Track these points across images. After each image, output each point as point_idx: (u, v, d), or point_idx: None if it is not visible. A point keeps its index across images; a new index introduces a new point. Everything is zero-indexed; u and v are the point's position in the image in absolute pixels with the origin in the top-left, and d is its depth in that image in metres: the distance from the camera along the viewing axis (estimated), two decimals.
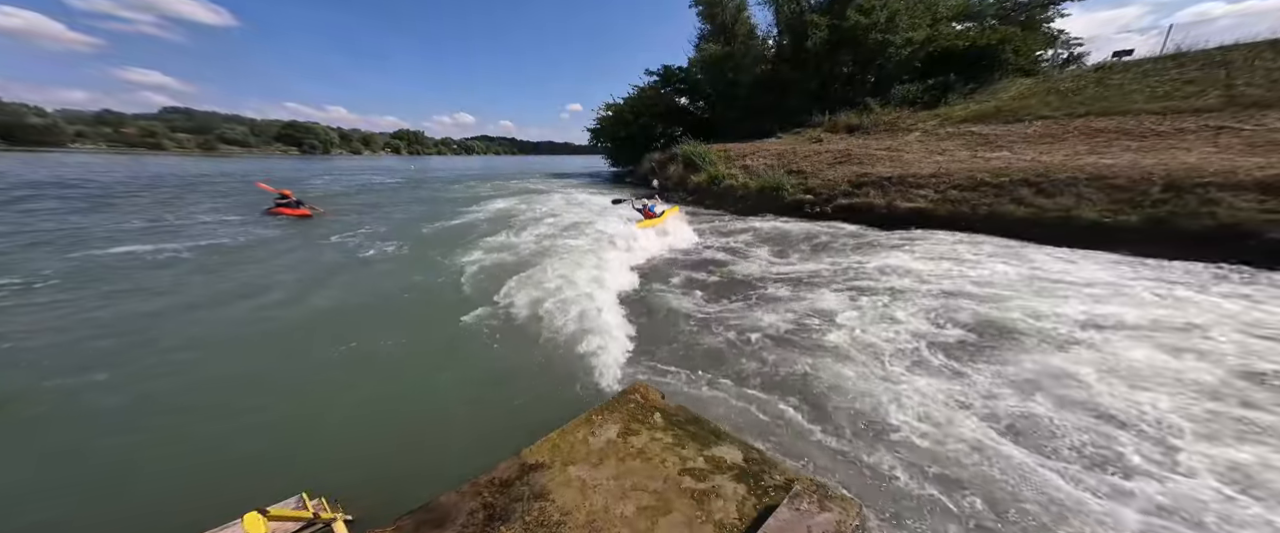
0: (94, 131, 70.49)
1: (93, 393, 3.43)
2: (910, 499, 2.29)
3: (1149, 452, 2.52)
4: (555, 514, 1.89)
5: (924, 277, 5.46)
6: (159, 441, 2.96)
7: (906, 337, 3.95)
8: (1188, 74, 11.68)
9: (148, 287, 5.95)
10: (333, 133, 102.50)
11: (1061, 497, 2.25)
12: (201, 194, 16.44)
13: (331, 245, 8.70)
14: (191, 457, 2.80)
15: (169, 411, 3.26)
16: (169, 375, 3.73)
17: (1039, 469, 2.43)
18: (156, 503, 2.45)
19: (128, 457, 2.81)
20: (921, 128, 14.47)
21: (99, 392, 3.45)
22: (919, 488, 2.35)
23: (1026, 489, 2.30)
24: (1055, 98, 13.08)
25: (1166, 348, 3.51)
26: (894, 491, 2.35)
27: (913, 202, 8.98)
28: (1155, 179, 6.81)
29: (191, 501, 2.41)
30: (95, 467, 2.72)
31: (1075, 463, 2.47)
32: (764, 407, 3.11)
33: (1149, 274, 5.27)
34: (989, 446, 2.62)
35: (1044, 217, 7.27)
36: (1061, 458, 2.52)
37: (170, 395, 3.45)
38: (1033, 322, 4.08)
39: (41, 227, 9.54)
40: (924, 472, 2.46)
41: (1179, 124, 9.38)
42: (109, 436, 2.99)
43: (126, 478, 2.64)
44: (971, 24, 19.34)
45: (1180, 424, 2.71)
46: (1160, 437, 2.63)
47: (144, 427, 3.09)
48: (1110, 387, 3.11)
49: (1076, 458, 2.51)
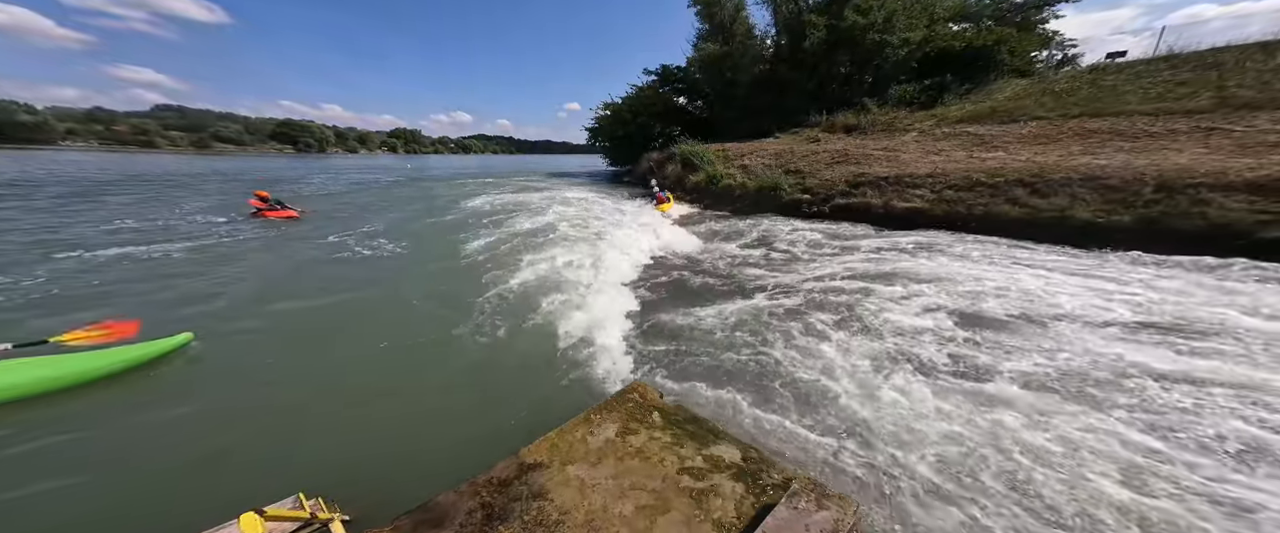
0: (86, 129, 69.74)
1: (86, 395, 3.39)
2: (909, 499, 2.31)
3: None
4: (554, 514, 1.89)
5: (923, 276, 5.50)
6: (154, 440, 2.93)
7: (906, 336, 3.98)
8: (1180, 75, 11.80)
9: (137, 286, 5.89)
10: (328, 131, 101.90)
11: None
12: (188, 192, 16.29)
13: (327, 245, 8.64)
14: (187, 457, 2.78)
15: (164, 409, 3.23)
16: (163, 375, 3.70)
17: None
18: (152, 504, 2.43)
19: (123, 457, 2.78)
20: (918, 128, 14.54)
21: (93, 393, 3.41)
22: (918, 489, 2.37)
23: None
24: (1050, 99, 13.18)
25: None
26: (892, 489, 2.37)
27: (909, 201, 9.03)
28: (1148, 179, 6.89)
29: (188, 501, 2.40)
30: (90, 467, 2.69)
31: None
32: (761, 405, 3.13)
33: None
34: (975, 443, 2.64)
35: (1039, 217, 7.34)
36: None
37: (165, 395, 3.42)
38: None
39: (26, 224, 9.42)
40: (922, 475, 2.48)
41: (1171, 125, 9.48)
42: (104, 436, 2.97)
43: (122, 479, 2.62)
44: (968, 25, 19.45)
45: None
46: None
47: (139, 426, 3.06)
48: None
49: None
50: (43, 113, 68.03)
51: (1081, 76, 14.49)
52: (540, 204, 13.57)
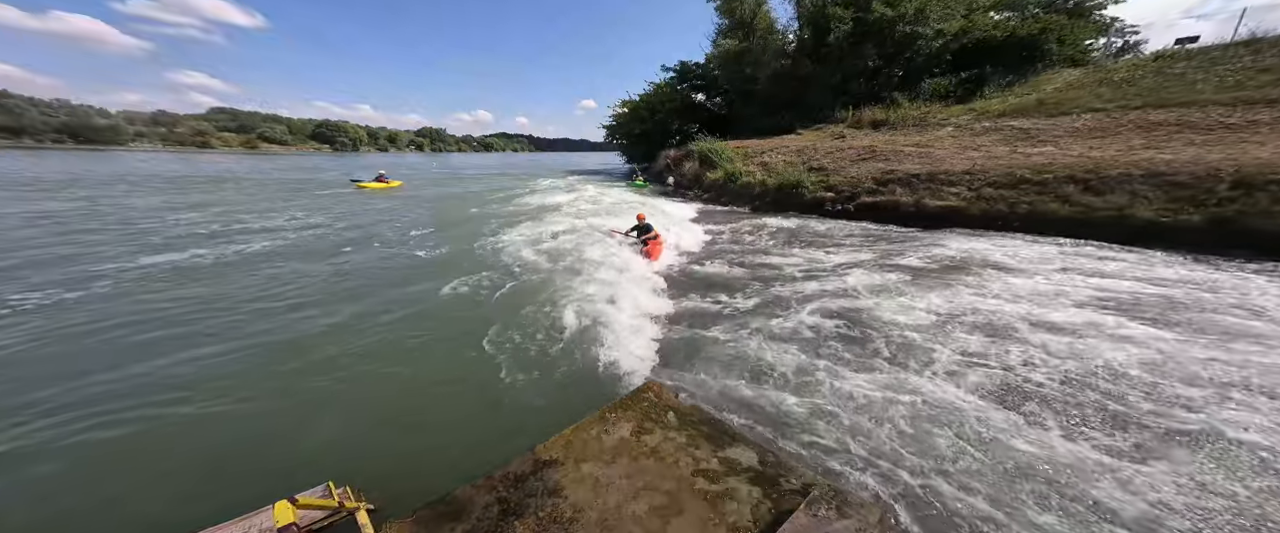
0: (151, 131, 76.05)
1: (134, 379, 3.68)
2: (932, 509, 2.18)
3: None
4: (568, 511, 1.90)
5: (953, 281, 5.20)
6: (196, 427, 3.13)
7: (924, 342, 3.77)
8: (1263, 61, 10.65)
9: (185, 284, 6.36)
10: (361, 131, 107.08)
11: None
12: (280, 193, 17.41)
13: (362, 241, 9.06)
14: (229, 445, 2.96)
15: (208, 400, 3.44)
16: (208, 366, 3.97)
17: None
18: (194, 487, 2.60)
19: (169, 443, 2.98)
20: (954, 123, 13.77)
21: (141, 379, 3.70)
22: (943, 502, 2.24)
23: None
24: (1107, 89, 12.18)
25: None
26: (916, 500, 2.25)
27: (943, 200, 8.57)
28: (1223, 176, 6.24)
29: (228, 485, 2.56)
30: (139, 450, 2.91)
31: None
32: (780, 409, 3.03)
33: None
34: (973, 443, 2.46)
35: (1093, 216, 6.79)
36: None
37: (206, 384, 3.67)
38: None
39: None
40: (936, 485, 2.34)
41: (1252, 116, 8.56)
42: (151, 421, 3.19)
43: (166, 463, 2.80)
44: (1012, 13, 18.21)
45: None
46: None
47: (182, 413, 3.29)
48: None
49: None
50: (116, 116, 74.77)
51: (1145, 65, 13.32)
52: (556, 203, 13.76)
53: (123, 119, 74.80)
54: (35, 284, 5.79)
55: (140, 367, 3.84)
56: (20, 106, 63.01)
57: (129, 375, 3.70)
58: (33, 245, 7.86)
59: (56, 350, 4.15)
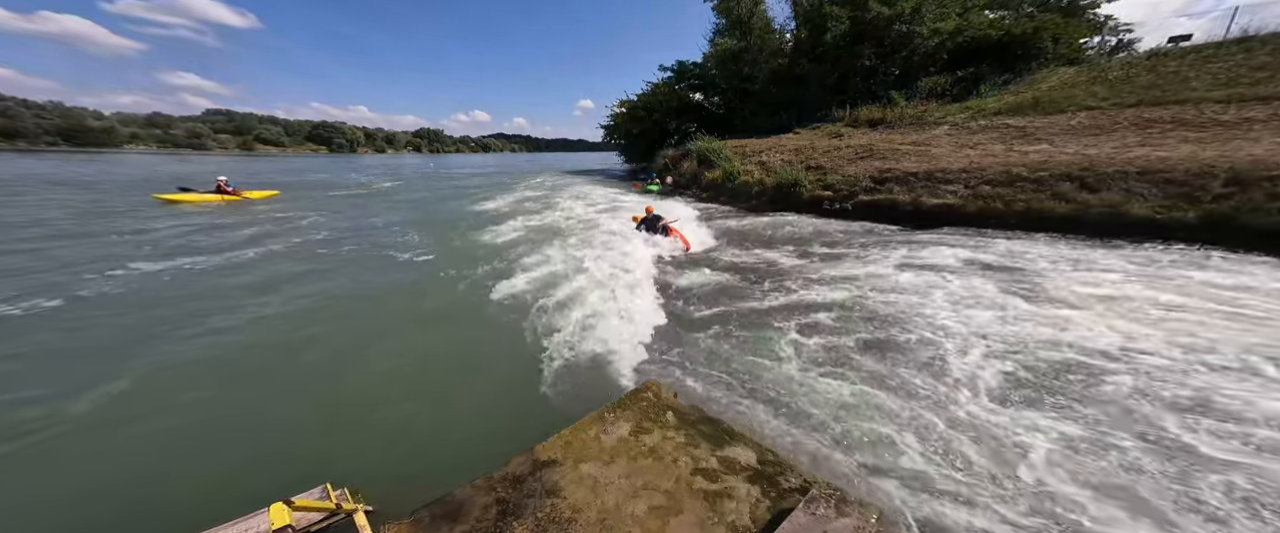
0: (147, 133, 75.45)
1: (125, 383, 3.65)
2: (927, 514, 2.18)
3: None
4: (567, 512, 1.89)
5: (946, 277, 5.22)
6: (191, 431, 3.11)
7: (927, 344, 3.78)
8: (1256, 59, 10.71)
9: (180, 286, 6.32)
10: (358, 132, 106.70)
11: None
12: None
13: (366, 241, 9.02)
14: (223, 448, 2.94)
15: (200, 403, 3.42)
16: (199, 369, 3.94)
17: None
18: (188, 490, 2.58)
19: (162, 447, 2.96)
20: (951, 121, 13.80)
21: (132, 382, 3.67)
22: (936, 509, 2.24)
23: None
24: (1102, 87, 12.23)
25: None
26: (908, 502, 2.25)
27: (940, 198, 8.59)
28: (1217, 172, 6.28)
29: (221, 489, 2.54)
30: (131, 455, 2.88)
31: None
32: (779, 408, 3.04)
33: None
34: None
35: (1088, 214, 6.82)
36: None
37: (202, 388, 3.64)
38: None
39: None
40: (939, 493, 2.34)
41: (1246, 113, 8.60)
42: (141, 425, 3.15)
43: (159, 467, 2.78)
44: (1006, 12, 18.29)
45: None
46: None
47: (177, 416, 3.26)
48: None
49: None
50: (110, 118, 74.17)
51: (1139, 63, 13.38)
52: (554, 200, 13.73)
53: (117, 121, 74.23)
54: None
55: (131, 370, 3.81)
56: (15, 109, 62.46)
57: (120, 379, 3.67)
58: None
59: (47, 356, 4.12)
